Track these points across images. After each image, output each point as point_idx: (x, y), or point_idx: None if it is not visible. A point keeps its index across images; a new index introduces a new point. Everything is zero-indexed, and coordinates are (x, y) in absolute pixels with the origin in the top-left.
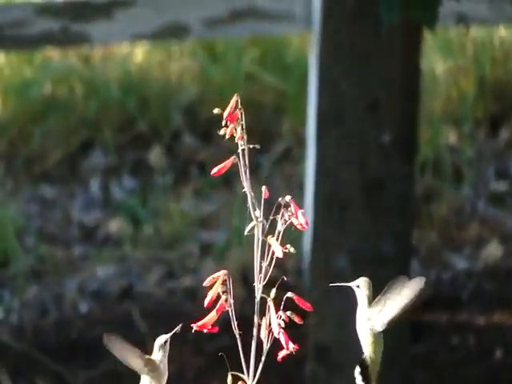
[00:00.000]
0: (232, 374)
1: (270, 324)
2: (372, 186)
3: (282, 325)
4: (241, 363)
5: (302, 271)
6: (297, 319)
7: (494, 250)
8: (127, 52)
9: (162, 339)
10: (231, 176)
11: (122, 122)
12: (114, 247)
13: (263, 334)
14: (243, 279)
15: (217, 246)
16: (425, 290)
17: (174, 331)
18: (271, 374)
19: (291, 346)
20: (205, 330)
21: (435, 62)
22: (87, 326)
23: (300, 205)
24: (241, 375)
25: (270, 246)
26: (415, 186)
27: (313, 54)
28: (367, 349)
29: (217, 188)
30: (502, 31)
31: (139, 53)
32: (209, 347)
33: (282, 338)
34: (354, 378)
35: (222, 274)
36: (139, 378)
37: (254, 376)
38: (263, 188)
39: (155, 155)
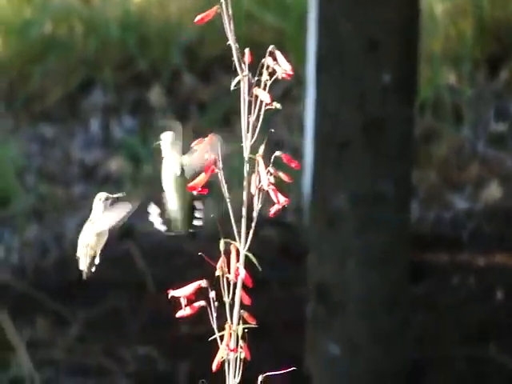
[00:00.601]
0: (224, 241)
1: (259, 181)
2: (371, 126)
3: (272, 180)
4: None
5: (302, 210)
6: (286, 177)
7: (493, 191)
8: None
9: (102, 195)
10: (231, 116)
11: (122, 60)
12: (115, 186)
13: (253, 191)
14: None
15: (216, 186)
16: (424, 230)
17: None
18: (272, 316)
19: (282, 199)
20: (194, 192)
21: (434, 2)
22: None
23: (299, 144)
24: (232, 242)
25: (256, 98)
26: (415, 126)
27: None
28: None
29: (216, 127)
30: None
31: None
32: None
33: (272, 193)
34: (354, 318)
35: (210, 136)
36: (139, 320)
37: (246, 240)
38: (246, 50)
39: (155, 94)
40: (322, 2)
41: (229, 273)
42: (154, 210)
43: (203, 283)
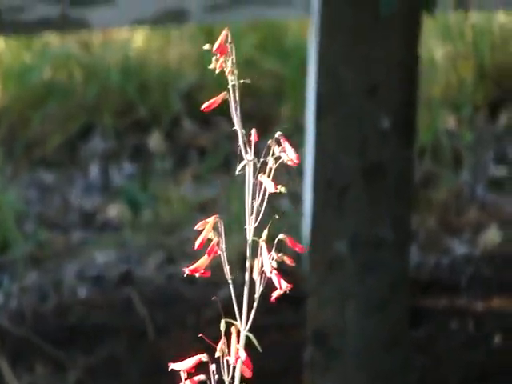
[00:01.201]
0: (225, 321)
1: (262, 265)
2: (371, 171)
3: (275, 265)
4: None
5: (301, 256)
6: (289, 261)
7: (492, 236)
8: (126, 37)
9: None
10: (230, 161)
11: (122, 107)
12: (114, 232)
13: (255, 276)
14: (243, 265)
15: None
16: (423, 274)
17: None
18: (271, 360)
19: (284, 284)
20: (197, 275)
21: (434, 48)
22: (87, 311)
23: (299, 190)
24: (233, 322)
25: (261, 185)
26: (414, 170)
27: (311, 39)
28: None
29: (216, 173)
30: (501, 16)
31: (139, 38)
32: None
33: (275, 278)
34: (353, 364)
35: (213, 217)
36: (139, 366)
37: (247, 321)
38: (253, 131)
39: (154, 140)
40: (322, 46)
41: (229, 354)
42: None
43: (203, 357)
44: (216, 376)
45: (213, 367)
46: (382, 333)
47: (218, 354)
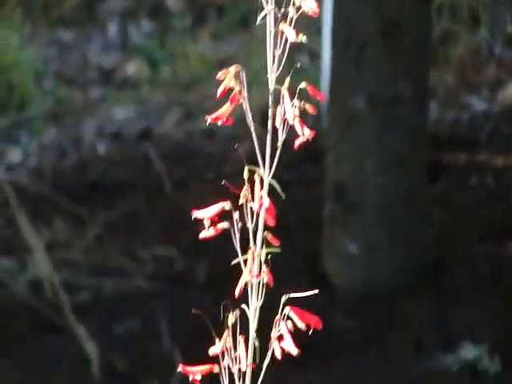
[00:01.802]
0: (248, 169)
1: (284, 113)
2: (389, 28)
3: (297, 113)
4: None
5: (320, 113)
6: (311, 109)
7: (510, 92)
8: None
9: None
10: (248, 19)
11: None
12: (132, 89)
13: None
14: (263, 122)
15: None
16: (442, 131)
17: None
18: (290, 216)
19: (307, 131)
20: (219, 123)
21: None
22: (106, 167)
23: (318, 48)
24: (256, 169)
25: (282, 35)
26: (432, 28)
27: None
28: None
29: (234, 31)
30: None
31: None
32: None
33: (298, 125)
34: (372, 219)
35: (234, 67)
36: (157, 220)
37: (270, 168)
38: None
39: None
40: None
41: (253, 201)
42: None
43: (227, 206)
44: (239, 224)
45: (236, 215)
46: (400, 188)
47: (241, 201)
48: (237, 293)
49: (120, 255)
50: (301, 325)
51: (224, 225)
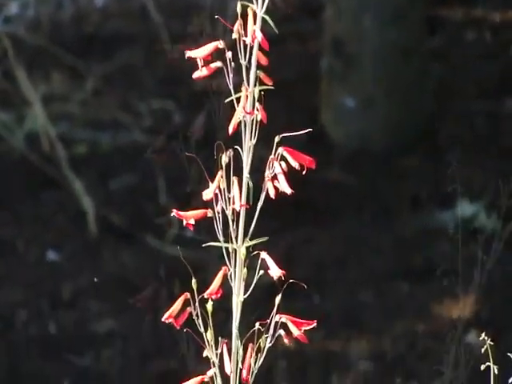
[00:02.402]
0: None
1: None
2: None
3: None
4: None
5: None
6: None
7: None
8: None
9: None
10: None
11: None
12: None
13: None
14: None
15: None
16: None
17: None
18: (288, 70)
19: None
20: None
21: None
22: (103, 19)
23: None
24: (249, 4)
25: None
26: None
27: None
28: None
29: None
30: None
31: None
32: None
33: None
34: (371, 73)
35: None
36: (154, 74)
37: (263, 3)
38: None
39: None
40: None
41: (245, 35)
42: None
43: (220, 44)
44: (233, 64)
45: (229, 54)
46: (399, 41)
47: (234, 36)
48: (230, 130)
49: (117, 108)
50: (294, 164)
51: (217, 64)
